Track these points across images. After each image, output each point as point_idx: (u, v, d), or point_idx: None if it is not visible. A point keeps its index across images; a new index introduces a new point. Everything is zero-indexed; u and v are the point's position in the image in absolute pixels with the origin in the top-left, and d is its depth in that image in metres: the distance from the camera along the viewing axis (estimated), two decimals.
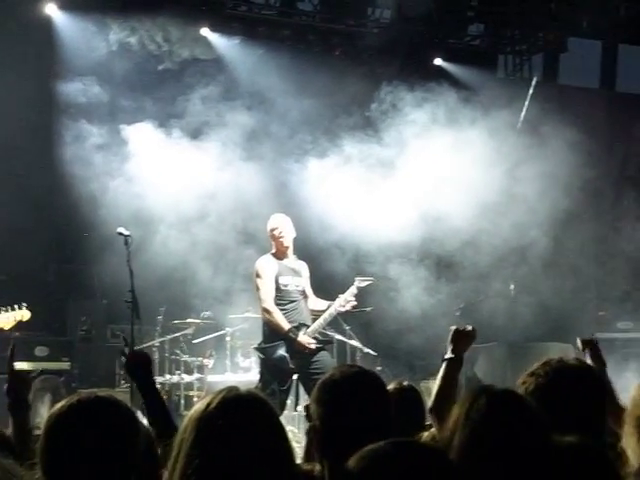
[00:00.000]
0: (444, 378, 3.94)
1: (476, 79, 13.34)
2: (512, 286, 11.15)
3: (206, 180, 11.10)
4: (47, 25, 11.75)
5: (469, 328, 4.15)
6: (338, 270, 10.95)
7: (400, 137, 11.66)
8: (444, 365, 3.99)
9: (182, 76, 11.86)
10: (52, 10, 11.78)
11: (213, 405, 2.39)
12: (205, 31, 12.54)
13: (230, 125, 11.56)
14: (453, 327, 4.14)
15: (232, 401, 2.48)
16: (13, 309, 8.28)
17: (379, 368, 10.23)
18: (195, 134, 11.40)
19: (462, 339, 4.10)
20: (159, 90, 11.77)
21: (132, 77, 11.83)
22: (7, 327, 8.33)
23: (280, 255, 8.77)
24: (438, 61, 13.79)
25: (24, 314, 8.38)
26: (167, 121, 11.39)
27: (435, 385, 3.95)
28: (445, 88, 12.30)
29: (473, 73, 13.56)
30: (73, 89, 11.50)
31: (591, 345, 4.37)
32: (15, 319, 8.34)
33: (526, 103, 13.07)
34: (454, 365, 4.01)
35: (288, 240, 8.78)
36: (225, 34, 12.72)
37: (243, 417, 2.40)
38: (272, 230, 8.78)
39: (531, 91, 13.18)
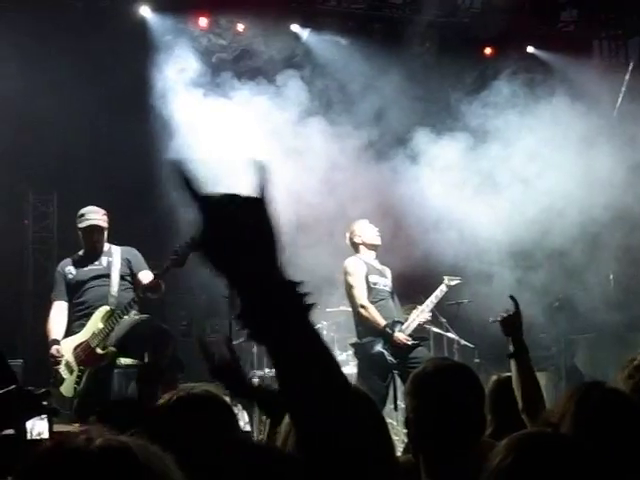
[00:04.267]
0: (520, 375, 3.93)
1: (571, 66, 13.08)
2: (611, 276, 10.89)
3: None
4: (141, 27, 11.91)
5: (504, 314, 4.18)
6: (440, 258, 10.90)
7: (496, 127, 11.54)
8: (512, 362, 4.00)
9: (274, 71, 11.86)
10: (146, 12, 11.98)
11: None
12: (295, 27, 12.61)
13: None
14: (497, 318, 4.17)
15: None
16: None
17: (477, 360, 10.15)
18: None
19: (509, 323, 4.13)
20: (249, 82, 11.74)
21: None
22: None
23: (368, 256, 8.88)
24: (531, 49, 13.55)
25: None
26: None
27: (515, 386, 3.94)
28: (540, 76, 12.11)
29: (567, 60, 13.30)
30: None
31: None
32: None
33: (623, 89, 12.78)
34: (520, 355, 4.00)
35: (377, 239, 8.92)
36: (315, 29, 12.75)
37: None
38: (358, 235, 8.91)
39: (627, 76, 12.88)
